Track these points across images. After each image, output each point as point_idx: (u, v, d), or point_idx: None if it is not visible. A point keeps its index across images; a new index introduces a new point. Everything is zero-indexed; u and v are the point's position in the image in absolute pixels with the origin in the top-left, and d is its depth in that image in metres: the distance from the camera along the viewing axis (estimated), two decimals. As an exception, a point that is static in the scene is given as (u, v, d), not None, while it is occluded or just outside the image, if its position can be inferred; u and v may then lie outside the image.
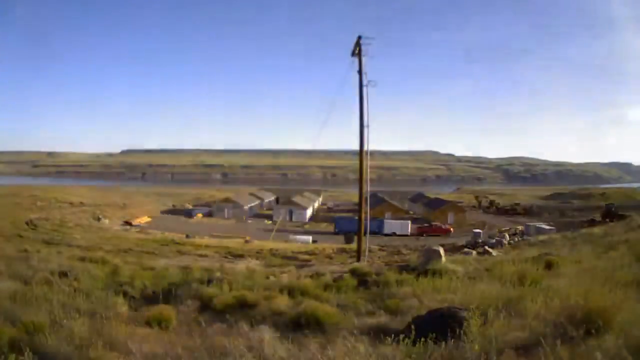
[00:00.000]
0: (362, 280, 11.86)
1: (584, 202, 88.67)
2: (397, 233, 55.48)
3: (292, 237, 48.99)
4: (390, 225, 57.49)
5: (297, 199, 79.44)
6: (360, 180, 20.80)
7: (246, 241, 44.72)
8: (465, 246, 39.79)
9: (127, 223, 58.01)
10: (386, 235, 53.79)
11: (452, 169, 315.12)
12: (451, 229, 57.04)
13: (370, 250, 35.06)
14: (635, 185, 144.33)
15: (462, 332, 4.72)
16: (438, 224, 60.02)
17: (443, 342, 4.60)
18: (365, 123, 20.05)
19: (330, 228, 59.15)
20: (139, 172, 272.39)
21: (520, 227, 53.41)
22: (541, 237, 42.82)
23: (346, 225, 54.08)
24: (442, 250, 17.63)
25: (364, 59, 20.26)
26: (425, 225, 59.51)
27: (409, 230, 57.25)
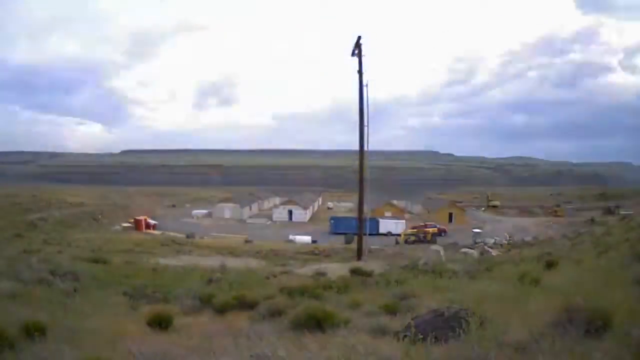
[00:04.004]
0: (362, 279, 11.87)
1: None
2: (393, 232, 55.64)
3: (291, 237, 49.01)
4: (386, 224, 57.65)
5: (297, 199, 79.42)
6: (360, 179, 20.77)
7: (246, 241, 44.72)
8: (465, 246, 39.84)
9: (136, 222, 56.93)
10: (382, 234, 53.84)
11: (451, 169, 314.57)
12: (446, 229, 56.91)
13: (371, 251, 35.07)
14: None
15: (461, 331, 4.72)
16: (433, 223, 59.99)
17: (442, 342, 4.60)
18: (365, 122, 20.01)
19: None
20: (139, 172, 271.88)
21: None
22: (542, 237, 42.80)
23: (343, 225, 54.05)
24: (442, 250, 17.68)
25: (363, 59, 20.25)
26: (420, 224, 59.29)
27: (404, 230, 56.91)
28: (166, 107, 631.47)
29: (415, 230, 53.65)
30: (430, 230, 53.59)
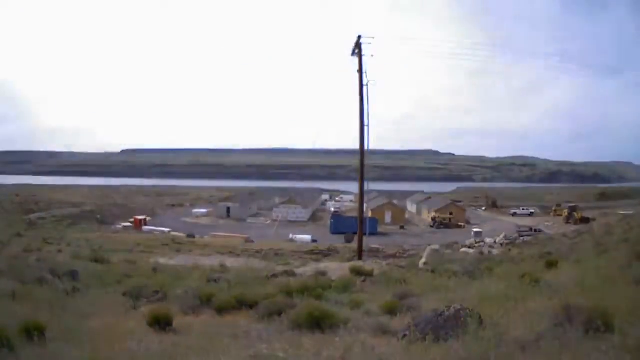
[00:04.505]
0: (363, 279, 11.87)
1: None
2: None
3: (291, 236, 49.10)
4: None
5: (297, 198, 79.45)
6: (361, 179, 20.77)
7: (246, 241, 44.75)
8: (466, 245, 39.86)
9: (142, 222, 56.77)
10: (380, 234, 54.16)
11: (451, 168, 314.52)
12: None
13: (374, 249, 35.12)
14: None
15: (461, 331, 4.71)
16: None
17: (442, 341, 4.60)
18: (365, 122, 20.05)
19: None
20: (140, 171, 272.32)
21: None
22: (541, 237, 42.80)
23: (343, 224, 54.14)
24: (442, 249, 17.69)
25: (363, 59, 20.27)
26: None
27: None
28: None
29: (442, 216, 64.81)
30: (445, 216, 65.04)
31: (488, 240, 42.85)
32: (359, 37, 20.42)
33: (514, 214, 75.73)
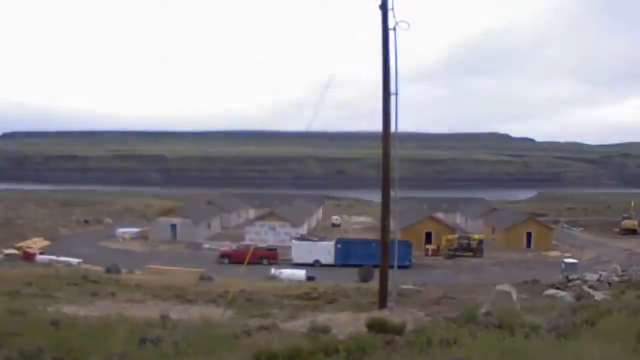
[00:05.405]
0: (387, 339, 11.91)
1: None
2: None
3: (274, 271, 49.26)
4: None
5: (283, 210, 79.59)
6: (385, 178, 20.77)
7: (202, 278, 44.79)
8: (553, 284, 40.02)
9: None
10: (416, 266, 54.73)
11: (529, 162, 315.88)
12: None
13: (405, 292, 35.23)
14: None
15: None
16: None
17: None
18: (391, 88, 19.92)
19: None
20: (30, 167, 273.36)
21: None
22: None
23: (354, 251, 54.28)
24: (514, 292, 17.75)
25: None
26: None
27: None
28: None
29: (456, 236, 65.85)
30: (477, 236, 65.55)
31: (590, 276, 42.98)
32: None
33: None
